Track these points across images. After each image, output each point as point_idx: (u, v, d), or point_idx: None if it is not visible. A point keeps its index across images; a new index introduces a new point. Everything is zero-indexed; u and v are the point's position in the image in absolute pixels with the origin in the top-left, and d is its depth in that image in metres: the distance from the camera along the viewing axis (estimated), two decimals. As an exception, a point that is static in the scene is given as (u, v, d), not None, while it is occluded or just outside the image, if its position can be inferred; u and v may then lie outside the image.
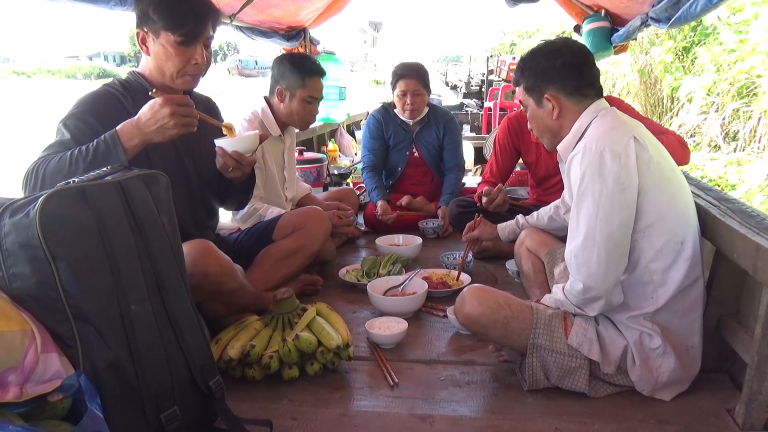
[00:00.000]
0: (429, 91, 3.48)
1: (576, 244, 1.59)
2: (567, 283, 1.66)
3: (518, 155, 3.07)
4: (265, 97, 2.76)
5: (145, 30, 1.82)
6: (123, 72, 1.85)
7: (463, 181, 3.70)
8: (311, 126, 4.97)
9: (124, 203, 1.32)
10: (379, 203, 3.34)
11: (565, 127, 1.74)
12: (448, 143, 3.57)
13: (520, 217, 2.39)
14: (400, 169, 3.59)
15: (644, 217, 1.56)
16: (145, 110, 1.63)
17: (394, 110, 3.54)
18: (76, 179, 1.30)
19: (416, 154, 3.58)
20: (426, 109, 3.50)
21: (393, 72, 3.46)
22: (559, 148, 1.77)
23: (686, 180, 1.72)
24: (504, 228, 2.43)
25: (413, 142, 3.56)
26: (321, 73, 2.70)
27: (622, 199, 1.53)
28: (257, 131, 1.91)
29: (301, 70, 2.63)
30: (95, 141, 1.63)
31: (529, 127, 1.88)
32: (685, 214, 1.62)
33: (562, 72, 1.71)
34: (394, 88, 3.44)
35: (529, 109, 1.81)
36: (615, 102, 2.28)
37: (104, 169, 1.41)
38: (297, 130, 3.04)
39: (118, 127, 1.64)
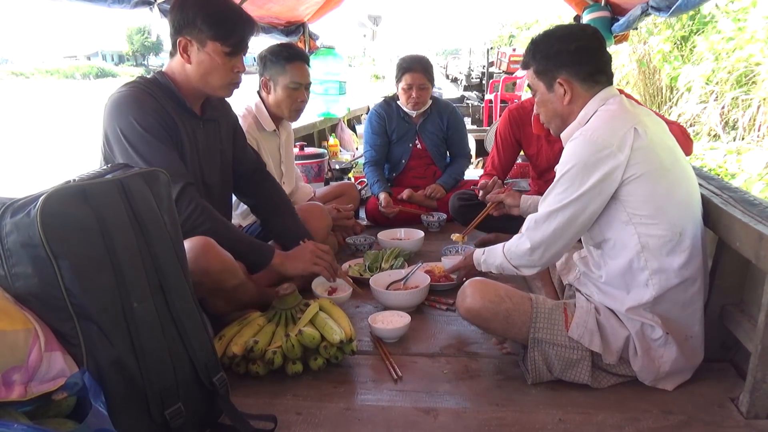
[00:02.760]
0: (433, 84, 3.51)
1: (542, 212, 1.65)
2: (510, 242, 1.75)
3: (519, 147, 3.06)
4: (258, 92, 2.75)
5: (188, 38, 1.82)
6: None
7: (464, 173, 3.70)
8: (312, 121, 5.04)
9: (125, 201, 1.32)
10: (382, 195, 3.34)
11: (574, 113, 1.70)
12: (454, 134, 3.61)
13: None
14: (403, 161, 3.59)
15: (641, 207, 1.56)
16: (302, 259, 2.03)
17: (397, 102, 3.54)
18: (76, 178, 1.30)
19: (419, 146, 3.59)
20: (429, 102, 3.52)
21: (398, 65, 3.45)
22: (562, 135, 1.74)
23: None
24: (527, 200, 2.32)
25: (416, 134, 3.56)
26: (302, 58, 2.67)
27: (598, 191, 1.56)
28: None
29: (280, 57, 2.61)
30: (256, 245, 1.97)
31: (535, 111, 1.83)
32: (686, 205, 1.61)
33: (575, 56, 1.66)
34: (399, 81, 3.43)
35: (539, 93, 1.75)
36: None
37: (104, 167, 1.41)
38: (293, 125, 3.03)
39: (275, 256, 1.97)
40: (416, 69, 3.36)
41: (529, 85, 1.82)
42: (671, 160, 1.61)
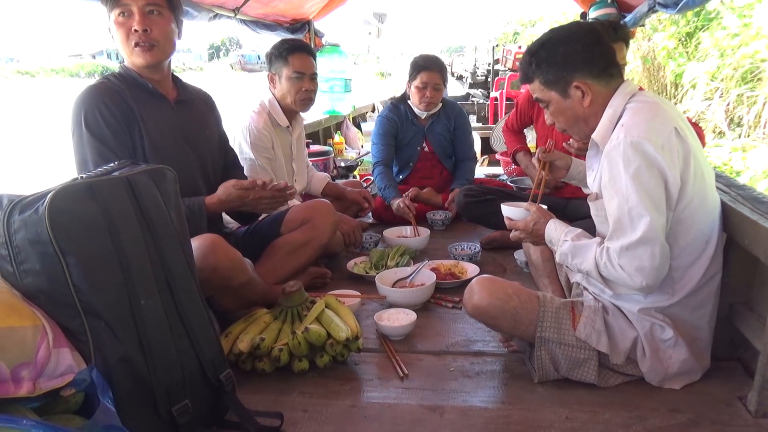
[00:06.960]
0: (446, 86, 3.49)
1: (630, 241, 1.47)
2: (619, 273, 1.51)
3: (531, 122, 3.14)
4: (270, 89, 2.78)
5: (109, 21, 1.87)
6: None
7: (474, 173, 3.69)
8: (318, 119, 5.04)
9: (132, 198, 1.32)
10: (395, 202, 3.25)
11: (597, 113, 1.61)
12: (459, 135, 3.59)
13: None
14: (412, 164, 3.58)
15: (674, 214, 1.52)
16: (232, 195, 1.97)
17: (405, 104, 3.52)
18: (83, 175, 1.31)
19: (427, 149, 3.57)
20: (440, 105, 3.50)
21: (414, 63, 3.40)
22: (594, 136, 1.63)
23: None
24: (578, 165, 2.08)
25: (424, 137, 3.54)
26: (304, 49, 2.70)
27: (664, 191, 1.47)
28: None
29: (281, 50, 2.67)
30: (185, 202, 1.82)
31: (549, 121, 1.73)
32: (713, 212, 1.58)
33: (585, 55, 1.58)
34: (413, 79, 3.38)
35: (552, 103, 1.66)
36: None
37: (112, 164, 1.41)
38: (305, 121, 3.06)
39: (207, 203, 1.95)
40: (432, 68, 3.34)
41: (536, 99, 1.70)
42: (705, 164, 1.57)
